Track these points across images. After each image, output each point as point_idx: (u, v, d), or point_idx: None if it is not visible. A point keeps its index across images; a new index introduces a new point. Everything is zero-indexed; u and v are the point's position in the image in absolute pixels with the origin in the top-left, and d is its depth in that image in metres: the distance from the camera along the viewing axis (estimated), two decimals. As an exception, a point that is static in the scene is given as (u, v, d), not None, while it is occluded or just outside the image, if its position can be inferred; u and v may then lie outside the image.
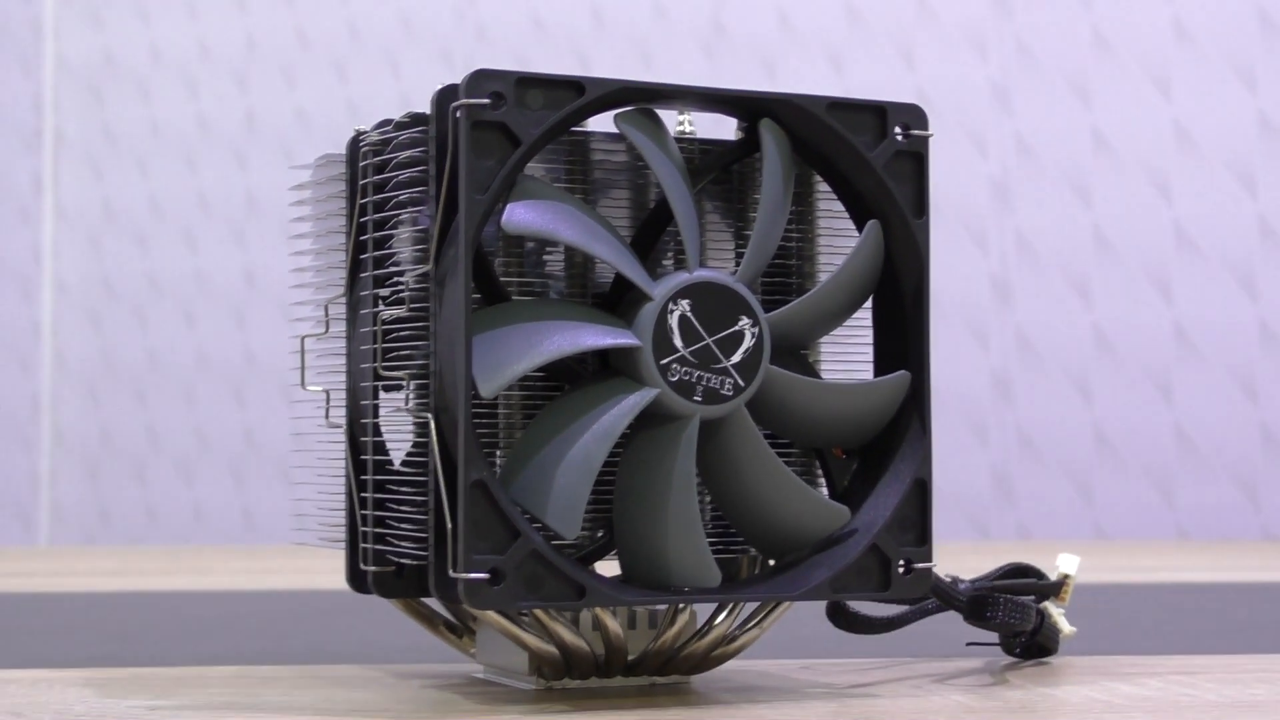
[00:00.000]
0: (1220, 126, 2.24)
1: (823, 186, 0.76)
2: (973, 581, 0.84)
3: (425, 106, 0.69)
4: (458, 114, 0.67)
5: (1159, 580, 1.56)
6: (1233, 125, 2.23)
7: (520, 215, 0.67)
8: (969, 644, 0.86)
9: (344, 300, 0.77)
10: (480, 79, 0.66)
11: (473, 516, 0.66)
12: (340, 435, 0.77)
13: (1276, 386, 2.21)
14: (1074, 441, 2.27)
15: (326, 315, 0.78)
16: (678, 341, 0.69)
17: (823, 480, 0.76)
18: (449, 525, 0.66)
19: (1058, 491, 2.27)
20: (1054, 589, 0.87)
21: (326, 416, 0.78)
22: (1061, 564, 0.87)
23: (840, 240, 0.76)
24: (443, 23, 2.51)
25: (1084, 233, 2.28)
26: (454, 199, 0.68)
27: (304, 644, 1.00)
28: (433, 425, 0.68)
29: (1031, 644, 0.85)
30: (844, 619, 0.82)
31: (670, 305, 0.69)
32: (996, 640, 0.86)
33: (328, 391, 0.78)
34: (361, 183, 0.74)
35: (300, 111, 2.55)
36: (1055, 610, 0.86)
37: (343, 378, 0.78)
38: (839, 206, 0.76)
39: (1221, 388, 2.22)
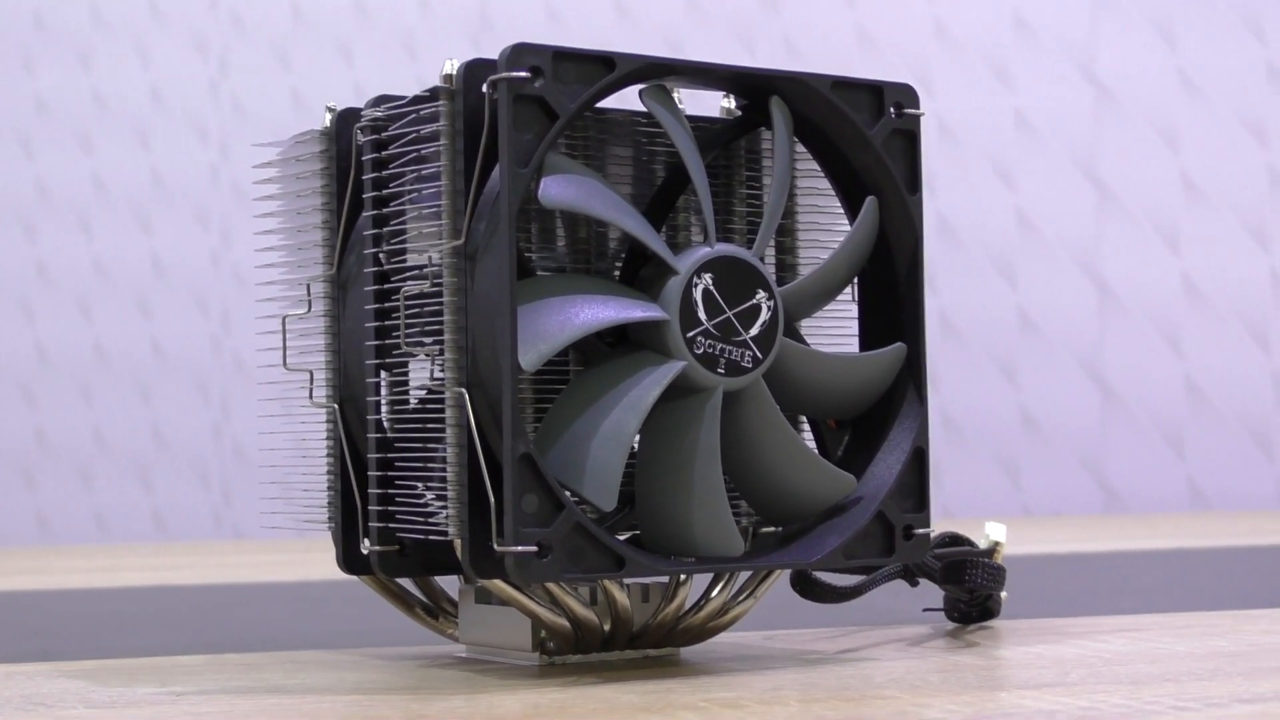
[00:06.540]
0: (1146, 95, 2.32)
1: (804, 164, 0.78)
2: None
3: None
4: (493, 88, 0.67)
5: (1077, 551, 1.61)
6: (1158, 91, 2.32)
7: (555, 190, 0.67)
8: (925, 609, 0.89)
9: (326, 279, 0.76)
10: (520, 53, 0.66)
11: (519, 490, 0.66)
12: (323, 415, 0.76)
13: (1201, 348, 2.30)
14: (1000, 423, 2.33)
15: (309, 294, 0.77)
16: (702, 315, 0.70)
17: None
18: (492, 500, 0.66)
19: (983, 473, 2.33)
20: (987, 555, 0.90)
21: (310, 396, 0.77)
22: (990, 532, 0.91)
23: (825, 217, 0.78)
24: (333, 5, 2.45)
25: (1006, 214, 2.34)
26: (487, 173, 0.68)
27: (241, 634, 0.98)
28: (467, 399, 0.67)
29: (978, 609, 0.88)
30: (811, 588, 0.84)
31: (694, 279, 0.70)
32: (942, 606, 0.89)
33: (311, 371, 0.77)
34: (364, 159, 0.73)
35: (214, 87, 2.45)
36: (991, 576, 0.89)
37: (323, 357, 0.77)
38: (822, 184, 0.78)
39: (1152, 352, 2.30)
